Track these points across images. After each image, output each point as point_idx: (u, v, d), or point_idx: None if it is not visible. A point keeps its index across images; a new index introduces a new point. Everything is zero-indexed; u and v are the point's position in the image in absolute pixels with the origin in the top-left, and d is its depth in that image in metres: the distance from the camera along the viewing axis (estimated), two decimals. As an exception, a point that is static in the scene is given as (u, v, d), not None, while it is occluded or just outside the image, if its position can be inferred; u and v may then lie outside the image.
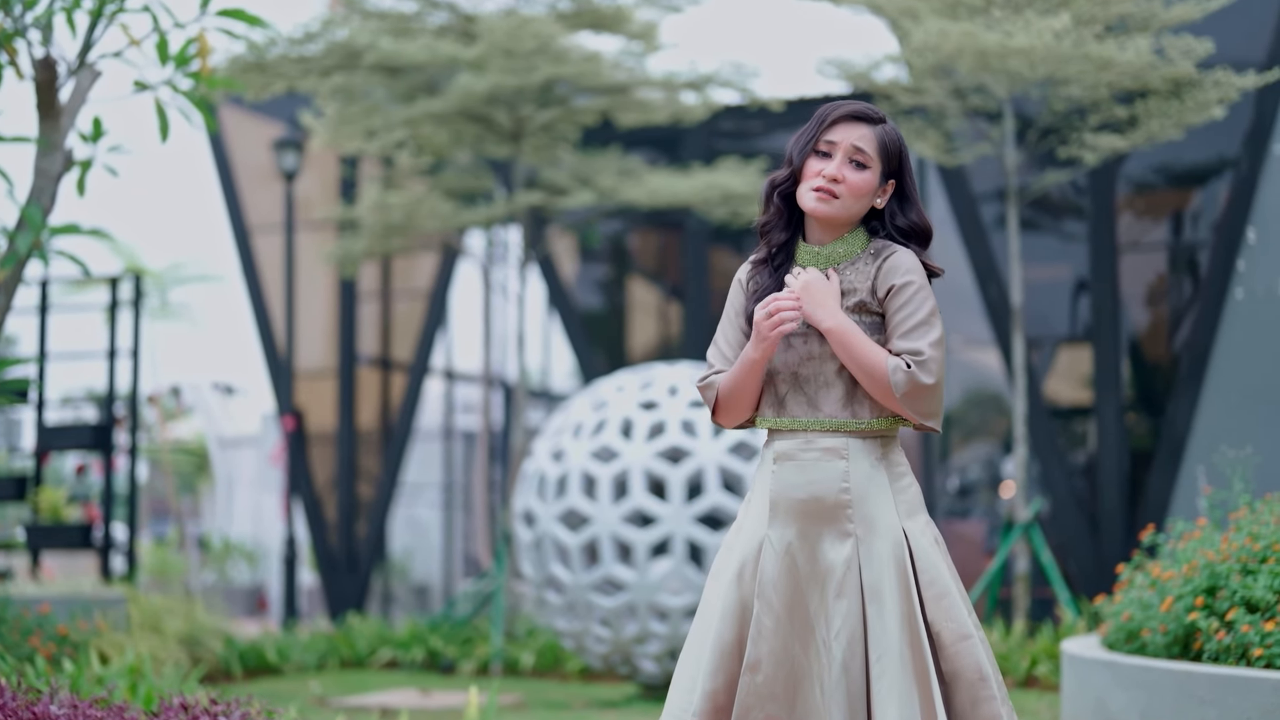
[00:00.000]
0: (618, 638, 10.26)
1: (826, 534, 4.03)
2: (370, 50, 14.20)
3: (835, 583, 3.99)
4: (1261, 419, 14.24)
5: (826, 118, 4.13)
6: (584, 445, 10.30)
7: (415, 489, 20.47)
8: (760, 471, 4.17)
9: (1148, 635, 7.15)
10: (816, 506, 4.03)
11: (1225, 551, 7.06)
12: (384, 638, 14.46)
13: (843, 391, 4.08)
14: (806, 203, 4.10)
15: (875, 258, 4.13)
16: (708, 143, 16.60)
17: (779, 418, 4.12)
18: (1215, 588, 6.93)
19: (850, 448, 4.06)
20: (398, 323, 18.91)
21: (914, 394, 3.99)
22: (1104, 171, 14.60)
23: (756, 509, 4.12)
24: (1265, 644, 6.38)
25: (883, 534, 4.02)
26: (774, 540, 4.04)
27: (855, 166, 4.10)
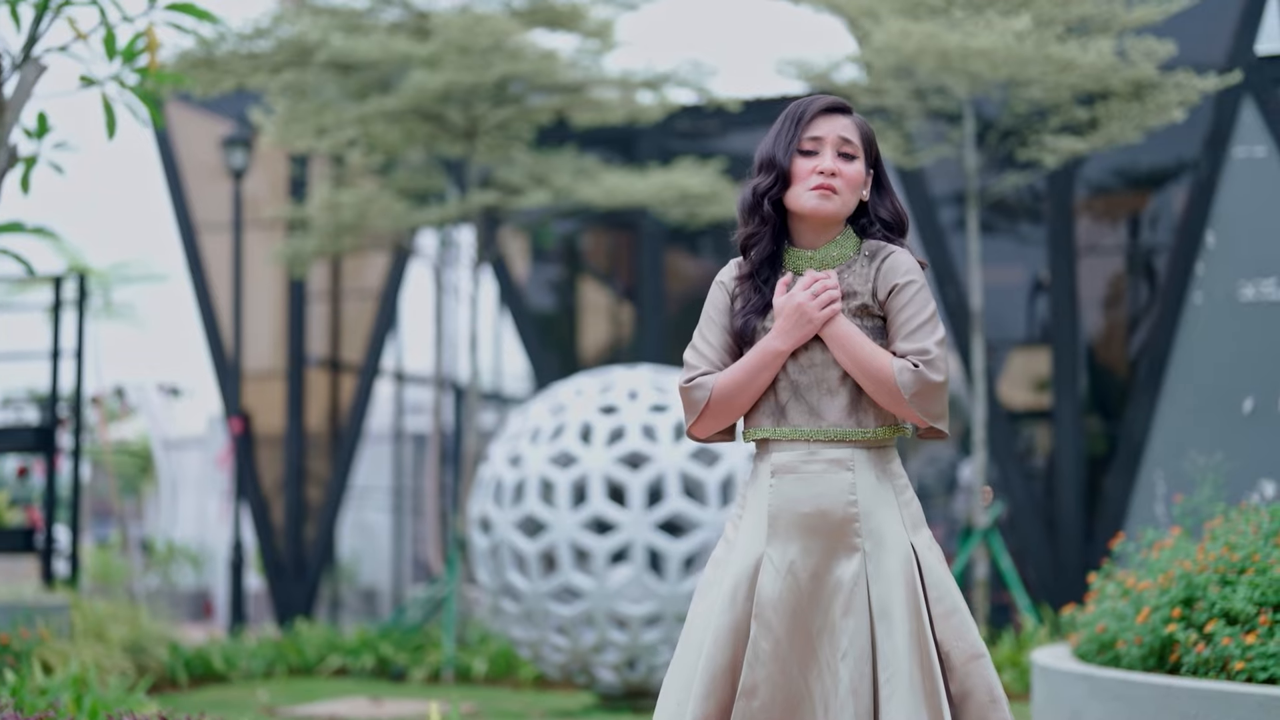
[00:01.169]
0: (575, 647, 10.07)
1: (832, 550, 3.84)
2: (322, 47, 13.98)
3: (841, 600, 3.81)
4: (1220, 424, 14.18)
5: (804, 114, 3.98)
6: (542, 450, 10.10)
7: (364, 492, 20.23)
8: (754, 486, 3.96)
9: (1123, 647, 7.00)
10: (822, 521, 3.84)
11: (1202, 562, 6.92)
12: (333, 644, 14.24)
13: (847, 399, 3.90)
14: (806, 204, 3.93)
15: (872, 259, 3.97)
16: (663, 143, 16.43)
17: (778, 428, 3.92)
18: (1193, 599, 6.79)
19: (856, 459, 3.88)
20: (347, 324, 18.67)
21: (923, 393, 3.82)
22: (1063, 174, 14.52)
23: (750, 525, 3.92)
24: (1246, 657, 6.24)
25: (891, 549, 3.84)
26: (774, 558, 3.84)
27: (845, 159, 3.95)
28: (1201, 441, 14.05)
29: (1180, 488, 14.04)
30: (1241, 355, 14.26)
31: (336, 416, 18.56)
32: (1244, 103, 14.35)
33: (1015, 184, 13.84)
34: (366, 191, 15.11)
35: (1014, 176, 13.73)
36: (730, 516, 4.02)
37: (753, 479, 3.98)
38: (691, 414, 3.99)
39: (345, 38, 13.94)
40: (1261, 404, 14.15)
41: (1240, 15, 14.33)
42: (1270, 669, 6.12)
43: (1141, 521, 14.31)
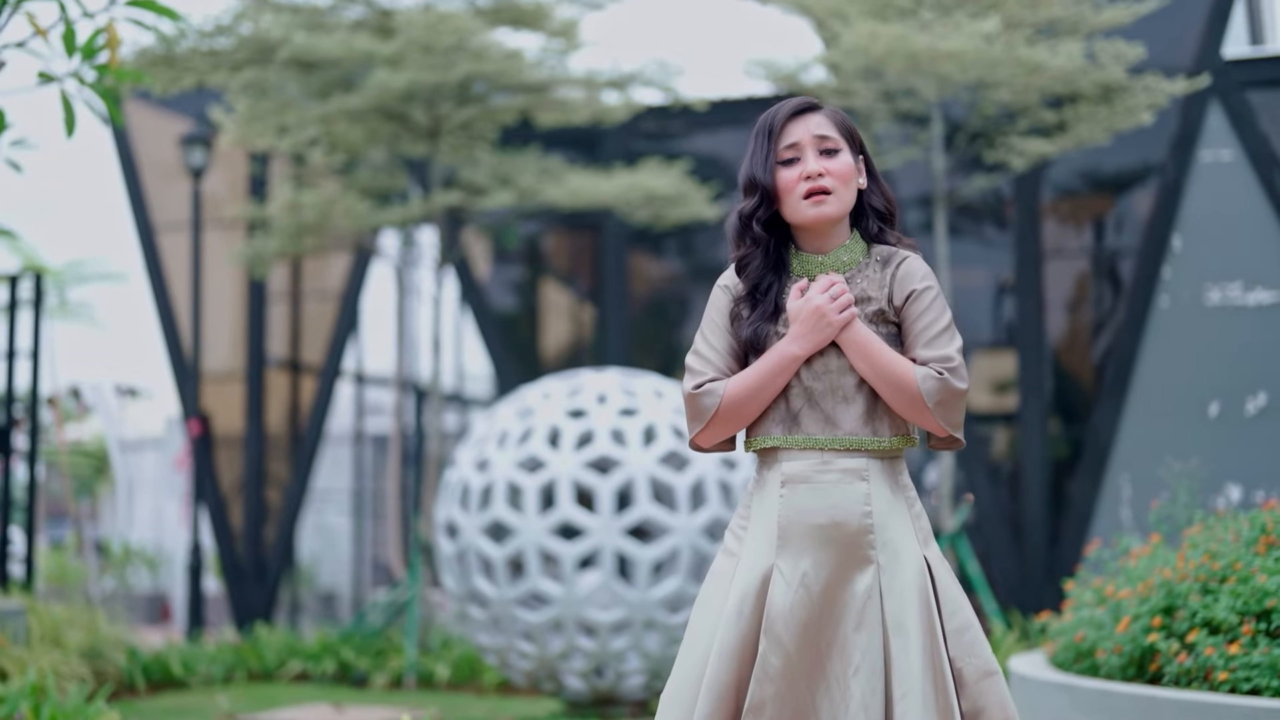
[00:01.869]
0: (543, 654, 9.93)
1: (845, 562, 3.71)
2: (284, 44, 13.83)
3: (854, 615, 3.68)
4: (1186, 428, 14.15)
5: (774, 124, 3.85)
6: (509, 454, 9.96)
7: (324, 494, 20.05)
8: (760, 496, 3.82)
9: (1102, 656, 6.92)
10: (836, 533, 3.71)
11: (1182, 570, 6.84)
12: (293, 649, 14.05)
13: (863, 407, 3.78)
14: (803, 214, 3.81)
15: (885, 265, 3.86)
16: (628, 143, 16.33)
17: (790, 435, 3.78)
18: (1173, 607, 6.72)
19: (871, 469, 3.76)
20: (308, 324, 18.50)
21: (947, 401, 3.72)
22: (1029, 177, 14.47)
23: (758, 537, 3.78)
24: (1230, 668, 6.17)
25: (905, 562, 3.72)
26: (785, 571, 3.71)
27: (829, 155, 3.83)
28: (1167, 446, 14.03)
29: (1147, 492, 14.02)
30: (1207, 359, 14.25)
31: (297, 418, 18.38)
32: (1210, 106, 14.34)
33: (983, 187, 13.78)
34: (328, 191, 14.95)
35: (981, 179, 13.68)
36: (731, 528, 3.88)
37: (758, 489, 3.84)
38: (698, 422, 3.85)
39: (307, 35, 13.79)
40: (1227, 408, 14.14)
41: (1207, 19, 14.32)
42: (1255, 680, 6.05)
43: (1108, 525, 14.29)
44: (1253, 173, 14.25)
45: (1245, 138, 14.26)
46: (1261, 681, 6.02)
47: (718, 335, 3.88)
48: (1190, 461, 9.94)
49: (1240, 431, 14.03)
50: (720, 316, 3.89)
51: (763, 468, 3.85)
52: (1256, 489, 13.81)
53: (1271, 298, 14.15)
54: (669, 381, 10.61)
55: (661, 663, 9.91)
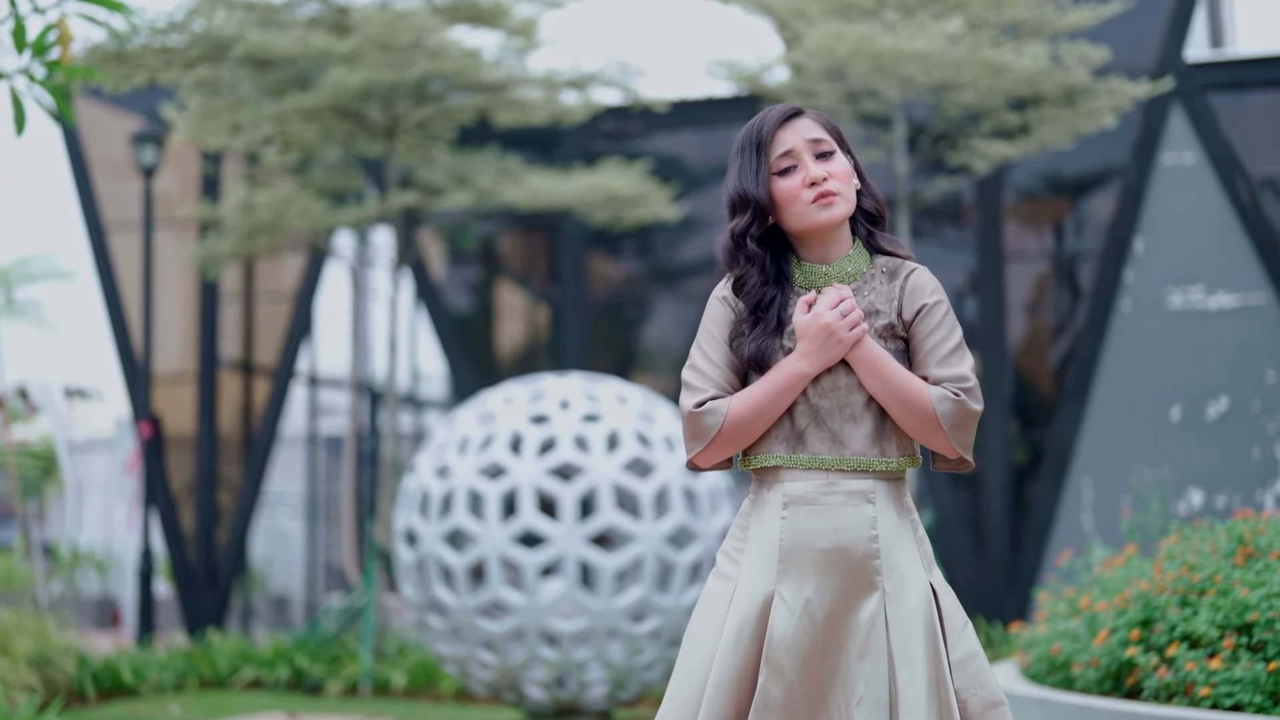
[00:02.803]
0: (504, 664, 9.76)
1: (850, 589, 3.55)
2: (238, 41, 13.60)
3: (857, 644, 3.52)
4: (1147, 433, 14.10)
5: (762, 137, 3.68)
6: (470, 461, 9.78)
7: (276, 497, 19.81)
8: (759, 517, 3.64)
9: (1079, 669, 6.80)
10: (842, 558, 3.55)
11: (1160, 582, 6.73)
12: (246, 656, 13.84)
13: (872, 426, 3.61)
14: (813, 219, 3.64)
15: (892, 276, 3.70)
16: (587, 144, 16.18)
17: (795, 454, 3.61)
18: (1151, 620, 6.60)
19: (878, 491, 3.59)
20: (261, 325, 18.28)
21: (962, 424, 3.57)
22: (991, 179, 14.39)
23: (756, 560, 3.60)
24: (1211, 683, 6.06)
25: (911, 589, 3.56)
26: (787, 597, 3.54)
27: (825, 157, 3.67)
28: (1129, 450, 13.99)
29: (1109, 497, 13.97)
30: (1169, 363, 14.21)
31: (249, 420, 18.17)
32: (1172, 109, 14.30)
33: (945, 189, 13.69)
34: (282, 191, 14.74)
35: (944, 181, 13.58)
36: (725, 549, 3.70)
37: (756, 509, 3.67)
38: (698, 442, 3.66)
39: (262, 32, 13.58)
40: (1189, 412, 14.09)
41: (1169, 22, 14.28)
42: (1237, 696, 5.94)
43: (1069, 530, 14.23)
44: (1214, 176, 14.23)
45: (1207, 141, 14.23)
46: (1244, 697, 5.91)
47: (716, 348, 3.70)
48: (1161, 469, 9.85)
49: (1202, 436, 13.99)
50: (718, 329, 3.71)
51: (761, 487, 3.67)
52: (1218, 493, 13.77)
53: (1233, 301, 14.12)
54: (632, 386, 10.46)
55: (624, 673, 9.77)
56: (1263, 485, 13.77)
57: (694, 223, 16.00)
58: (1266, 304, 14.05)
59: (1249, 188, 14.20)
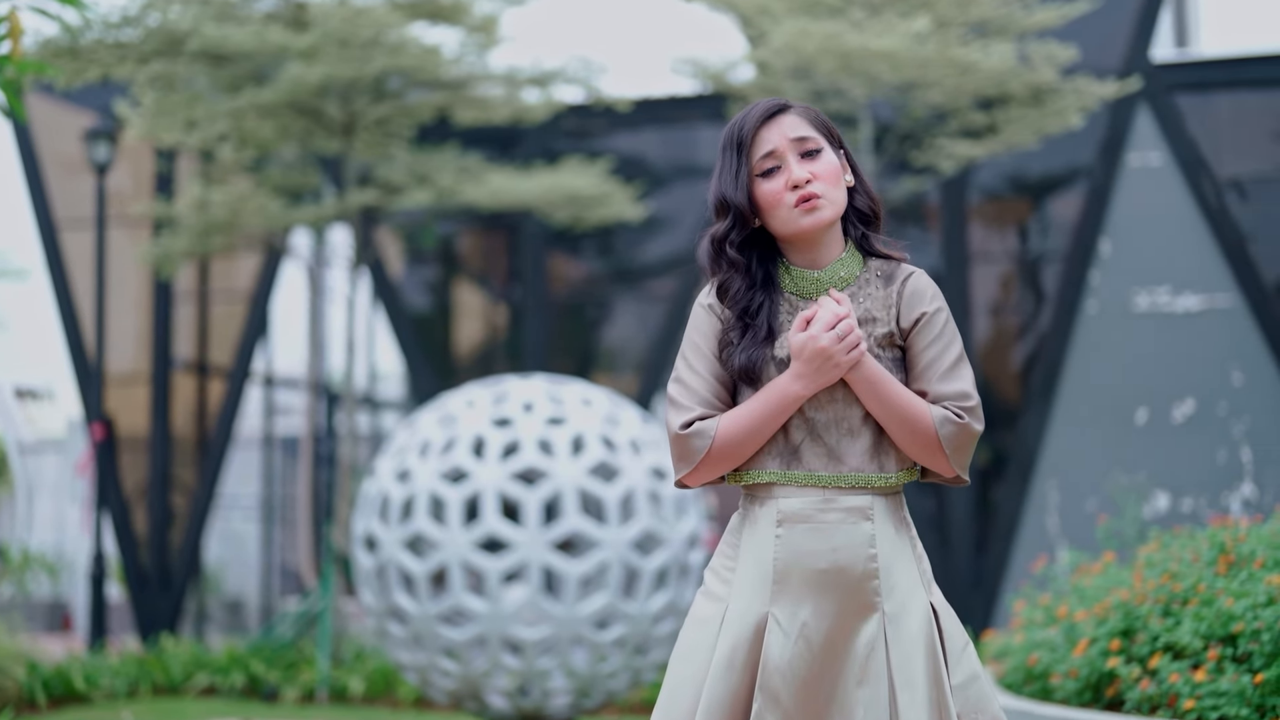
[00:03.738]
0: (466, 672, 9.56)
1: (848, 610, 3.37)
2: (193, 36, 13.38)
3: (856, 668, 3.34)
4: (1113, 435, 14.02)
5: (743, 136, 3.48)
6: (432, 465, 9.57)
7: (231, 499, 19.56)
8: (750, 535, 3.45)
9: (1058, 680, 6.66)
10: (840, 578, 3.37)
11: (1140, 591, 6.59)
12: (200, 661, 13.61)
13: (870, 441, 3.43)
14: (800, 225, 3.45)
15: (888, 281, 3.51)
16: (548, 142, 16.00)
17: (790, 471, 3.42)
18: (1132, 630, 6.46)
19: (876, 507, 3.41)
20: (216, 325, 18.03)
21: (964, 446, 3.41)
22: (957, 180, 14.28)
23: (748, 580, 3.42)
24: (1196, 695, 5.91)
25: (912, 610, 3.38)
26: (782, 620, 3.36)
27: (810, 156, 3.46)
28: (1095, 453, 13.91)
29: (1074, 500, 13.88)
30: (1135, 365, 14.13)
31: (204, 421, 17.93)
32: (1139, 110, 14.22)
33: (912, 189, 13.57)
34: (238, 189, 14.51)
35: (910, 182, 13.46)
36: (713, 568, 3.51)
37: (747, 526, 3.48)
38: (685, 464, 3.46)
39: (218, 27, 13.36)
40: (1155, 414, 14.01)
41: (1135, 23, 14.21)
42: (1222, 708, 5.79)
43: (1034, 533, 14.13)
44: (1181, 177, 14.15)
45: (1173, 142, 14.16)
46: (1230, 710, 5.77)
47: (701, 360, 3.50)
48: (1127, 472, 9.73)
49: (1167, 438, 13.92)
50: (703, 339, 3.52)
51: (753, 503, 3.48)
52: (1184, 496, 13.69)
53: (1199, 303, 14.05)
54: (597, 389, 10.27)
55: (589, 681, 9.58)
56: (1229, 488, 13.70)
57: (657, 223, 15.85)
58: (1233, 306, 13.98)
59: (1215, 189, 14.13)
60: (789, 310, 3.50)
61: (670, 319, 15.73)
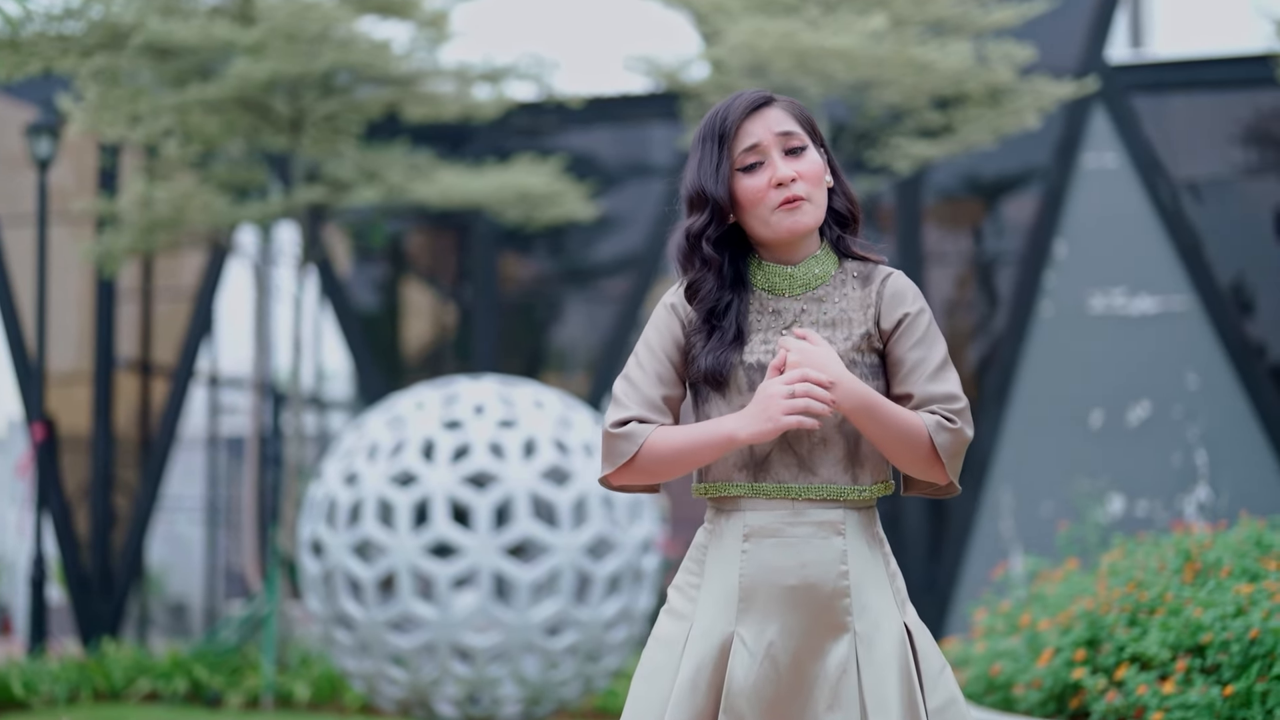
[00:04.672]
0: (414, 680, 9.38)
1: (817, 630, 3.19)
2: (137, 30, 13.15)
3: (826, 691, 3.17)
4: (1068, 438, 13.95)
5: (726, 127, 3.28)
6: (380, 468, 9.39)
7: (175, 501, 19.31)
8: (716, 550, 3.28)
9: (1021, 691, 6.52)
10: (809, 596, 3.19)
11: (1105, 599, 6.45)
12: (143, 667, 13.38)
13: (843, 451, 3.24)
14: (780, 227, 3.27)
15: (865, 282, 3.33)
16: (500, 140, 15.84)
17: (758, 483, 3.24)
18: (1097, 640, 6.32)
19: (848, 521, 3.23)
20: (160, 324, 17.78)
21: (959, 452, 3.23)
22: (912, 180, 14.18)
23: (713, 598, 3.24)
24: (1164, 707, 5.77)
25: (885, 630, 3.21)
26: (749, 640, 3.19)
27: (795, 154, 3.28)
28: (1049, 456, 13.84)
29: (1029, 504, 13.81)
30: (1090, 367, 14.07)
31: (147, 421, 17.69)
32: (1094, 111, 14.17)
33: (867, 189, 13.45)
34: (183, 185, 14.28)
35: (865, 181, 13.35)
36: (677, 585, 3.33)
37: (712, 541, 3.30)
38: (608, 463, 3.29)
39: (163, 21, 13.14)
40: (1110, 417, 13.95)
41: (1091, 23, 14.16)
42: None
43: (988, 538, 14.05)
44: (1137, 178, 14.09)
45: (1129, 143, 14.11)
46: (1199, 723, 5.64)
47: (653, 360, 3.32)
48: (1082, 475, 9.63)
49: (1122, 441, 13.85)
50: (657, 339, 3.33)
51: (718, 516, 3.30)
52: (1140, 499, 13.63)
53: (1155, 305, 13.99)
54: (549, 391, 10.10)
55: (540, 689, 9.41)
56: (1184, 491, 13.65)
57: (609, 222, 15.71)
58: (1188, 308, 13.93)
59: (1171, 190, 14.08)
60: (759, 309, 3.32)
61: (621, 319, 15.59)
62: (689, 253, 3.33)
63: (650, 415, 3.29)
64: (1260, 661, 5.64)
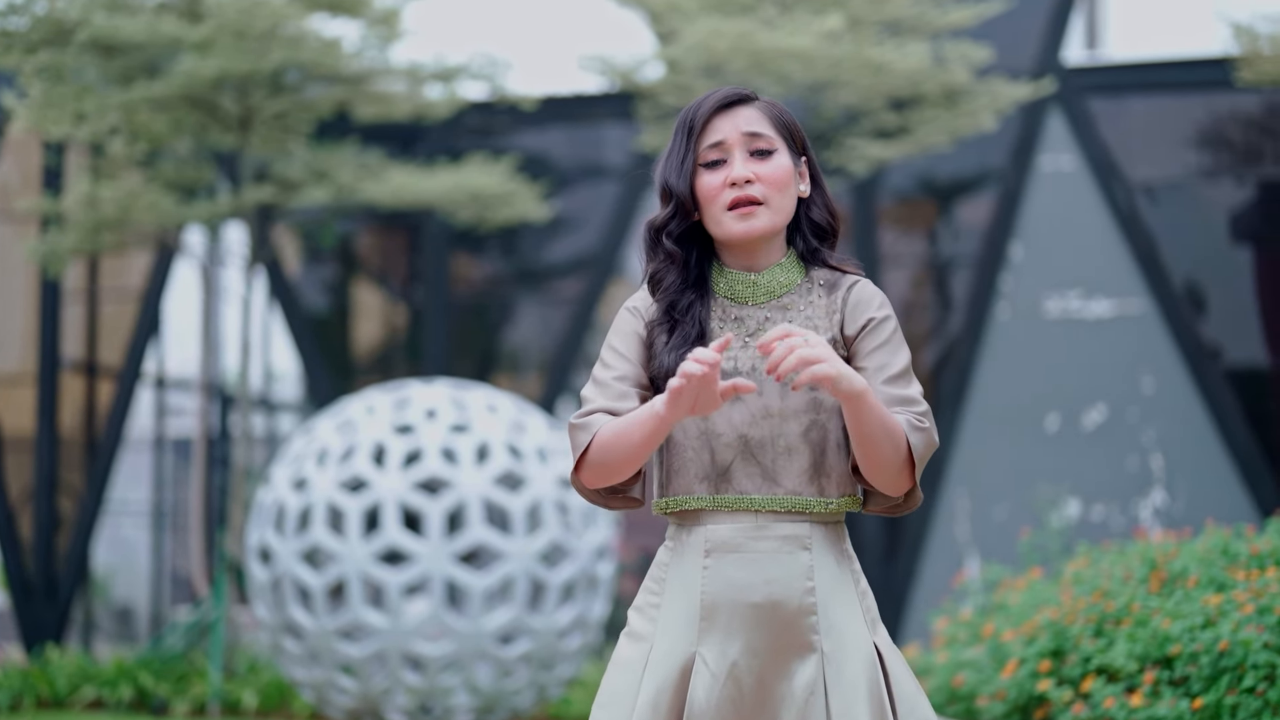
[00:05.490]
0: (365, 689, 9.21)
1: (783, 649, 3.06)
2: (83, 26, 12.93)
3: (794, 714, 3.03)
4: (1023, 441, 13.88)
5: (695, 120, 3.18)
6: (330, 473, 9.21)
7: (120, 504, 19.06)
8: (677, 567, 3.15)
9: (985, 703, 6.41)
10: (774, 614, 3.06)
11: (1070, 609, 6.35)
12: (87, 674, 13.17)
13: (808, 461, 3.11)
14: (730, 230, 3.16)
15: (831, 289, 3.22)
16: (451, 140, 15.67)
17: (719, 495, 3.11)
18: (1063, 651, 6.22)
19: (815, 536, 3.10)
20: (106, 325, 17.54)
21: (926, 456, 3.10)
22: (867, 182, 14.09)
23: (674, 617, 3.11)
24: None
25: (853, 650, 3.07)
26: (710, 660, 3.05)
27: (760, 156, 3.16)
28: (1005, 459, 13.78)
29: (984, 507, 13.74)
30: (1046, 370, 14.02)
31: (93, 423, 17.45)
32: (1051, 113, 14.12)
33: (825, 191, 13.35)
34: (129, 185, 14.07)
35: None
36: (638, 605, 3.20)
37: (674, 558, 3.17)
38: (574, 456, 3.15)
39: (109, 17, 12.92)
40: (1066, 421, 13.89)
41: (1047, 25, 14.11)
42: (1160, 735, 5.57)
43: (944, 541, 13.98)
44: (1093, 181, 14.04)
45: (1086, 145, 14.06)
46: (1168, 737, 5.54)
47: (617, 359, 3.20)
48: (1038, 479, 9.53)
49: (1078, 444, 13.80)
50: (623, 341, 3.22)
51: (680, 532, 3.17)
52: (1096, 503, 13.58)
53: (1111, 308, 13.94)
54: (503, 394, 9.95)
55: (493, 698, 9.26)
56: (1140, 495, 13.60)
57: (562, 223, 15.56)
58: (1144, 312, 13.89)
59: (1127, 193, 14.03)
60: (721, 317, 3.21)
61: (575, 321, 15.45)
62: (652, 245, 3.23)
63: (618, 409, 3.15)
64: (1230, 674, 5.56)
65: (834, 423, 3.15)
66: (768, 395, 3.12)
